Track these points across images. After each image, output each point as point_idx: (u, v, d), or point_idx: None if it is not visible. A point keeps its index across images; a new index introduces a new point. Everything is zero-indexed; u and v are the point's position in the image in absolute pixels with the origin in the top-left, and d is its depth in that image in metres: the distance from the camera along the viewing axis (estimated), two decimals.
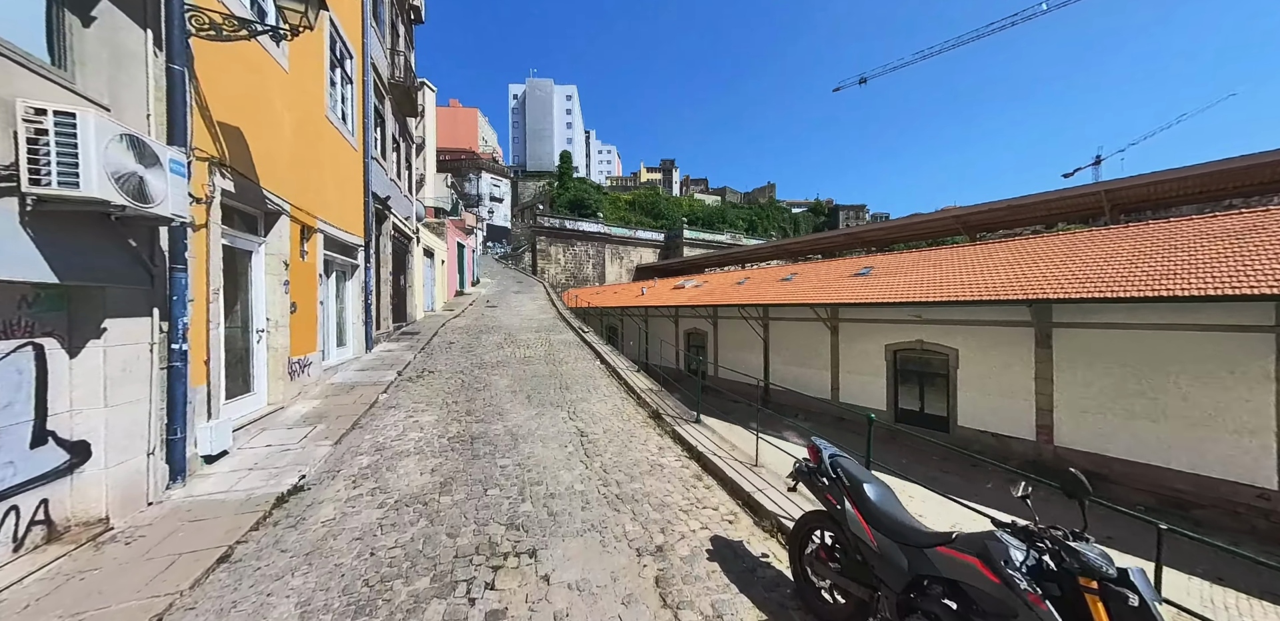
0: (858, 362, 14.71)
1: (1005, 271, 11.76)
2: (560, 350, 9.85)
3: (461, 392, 6.58)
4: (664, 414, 5.61)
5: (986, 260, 13.10)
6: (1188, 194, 17.23)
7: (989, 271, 12.14)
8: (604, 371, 8.06)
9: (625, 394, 6.67)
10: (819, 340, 15.82)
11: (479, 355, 9.12)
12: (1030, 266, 11.55)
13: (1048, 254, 11.94)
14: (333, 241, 7.32)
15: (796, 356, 16.58)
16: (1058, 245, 12.31)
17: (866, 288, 14.23)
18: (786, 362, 16.98)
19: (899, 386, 13.82)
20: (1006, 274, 11.60)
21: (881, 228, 25.14)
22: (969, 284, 11.80)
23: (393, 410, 5.79)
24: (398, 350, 9.22)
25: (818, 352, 15.85)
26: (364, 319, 8.63)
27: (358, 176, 8.48)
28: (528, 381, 7.24)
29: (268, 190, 5.12)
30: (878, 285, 14.14)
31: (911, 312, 13.23)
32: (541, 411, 5.83)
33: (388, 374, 7.35)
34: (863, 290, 14.08)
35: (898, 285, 13.54)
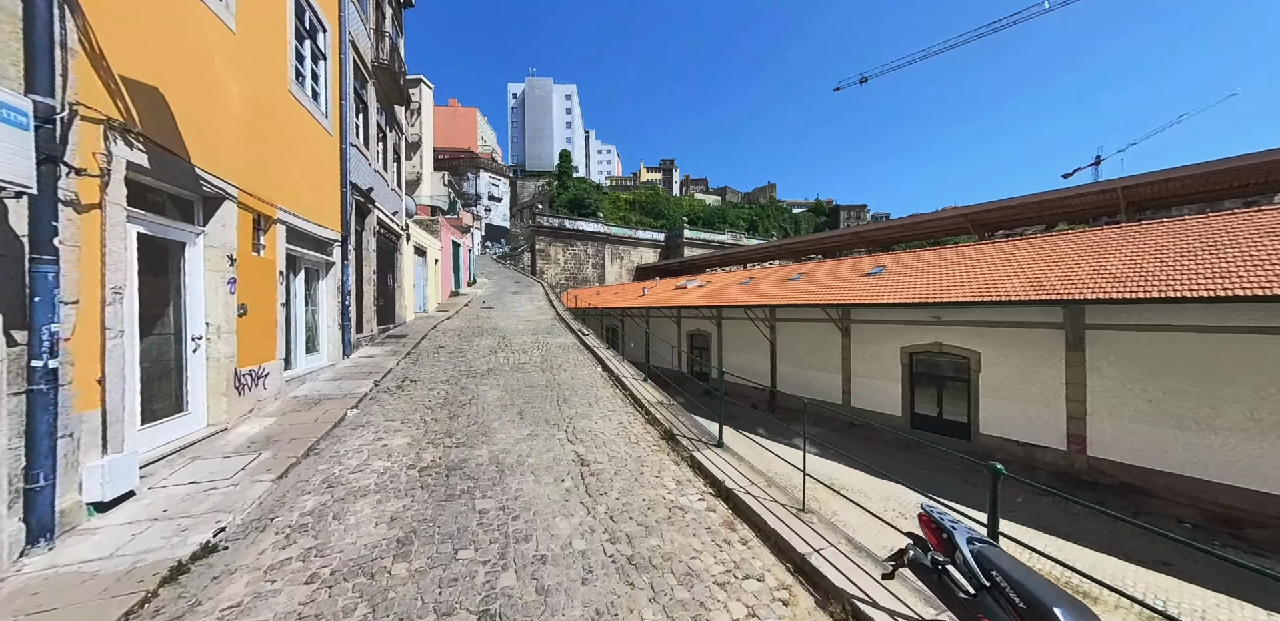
0: (871, 366, 13.81)
1: (1033, 271, 10.87)
2: (558, 355, 8.92)
3: (444, 407, 5.65)
4: (679, 434, 4.70)
5: (1009, 259, 12.21)
6: (1209, 190, 16.38)
7: (1014, 270, 11.25)
8: (606, 380, 7.14)
9: (632, 408, 5.76)
10: (829, 342, 14.92)
11: (469, 362, 8.17)
12: (1060, 265, 10.67)
13: (1077, 252, 11.06)
14: (300, 235, 6.38)
15: (806, 359, 15.69)
16: (1087, 242, 11.42)
17: (880, 287, 13.34)
18: (795, 365, 16.08)
19: (915, 391, 12.94)
20: (1035, 273, 10.71)
21: (887, 226, 24.28)
22: (993, 284, 10.92)
23: (360, 430, 4.86)
24: (380, 356, 8.27)
25: (828, 355, 14.95)
26: (341, 322, 7.69)
27: (333, 164, 7.55)
28: (521, 393, 6.31)
29: (204, 169, 4.18)
30: (892, 285, 13.25)
31: (930, 314, 12.36)
32: (535, 431, 4.91)
33: (363, 384, 6.41)
34: (877, 290, 13.19)
35: (914, 285, 12.65)
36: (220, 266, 4.47)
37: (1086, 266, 10.10)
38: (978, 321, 11.53)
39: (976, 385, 11.58)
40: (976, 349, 11.59)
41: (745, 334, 17.90)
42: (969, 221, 21.44)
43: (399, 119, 12.02)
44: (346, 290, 7.90)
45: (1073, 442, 10.04)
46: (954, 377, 12.12)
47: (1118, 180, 16.93)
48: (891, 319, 13.29)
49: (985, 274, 11.76)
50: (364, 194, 8.88)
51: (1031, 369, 10.62)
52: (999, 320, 11.14)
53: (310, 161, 6.65)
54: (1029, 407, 10.67)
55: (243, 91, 4.87)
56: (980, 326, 11.50)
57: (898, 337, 13.19)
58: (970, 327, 11.67)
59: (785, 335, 16.49)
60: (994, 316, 11.19)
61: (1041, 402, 10.49)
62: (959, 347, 11.87)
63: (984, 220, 21.22)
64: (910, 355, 13.01)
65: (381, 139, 10.91)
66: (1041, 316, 10.46)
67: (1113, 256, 10.15)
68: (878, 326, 13.68)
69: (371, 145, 9.71)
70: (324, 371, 6.98)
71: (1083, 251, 10.92)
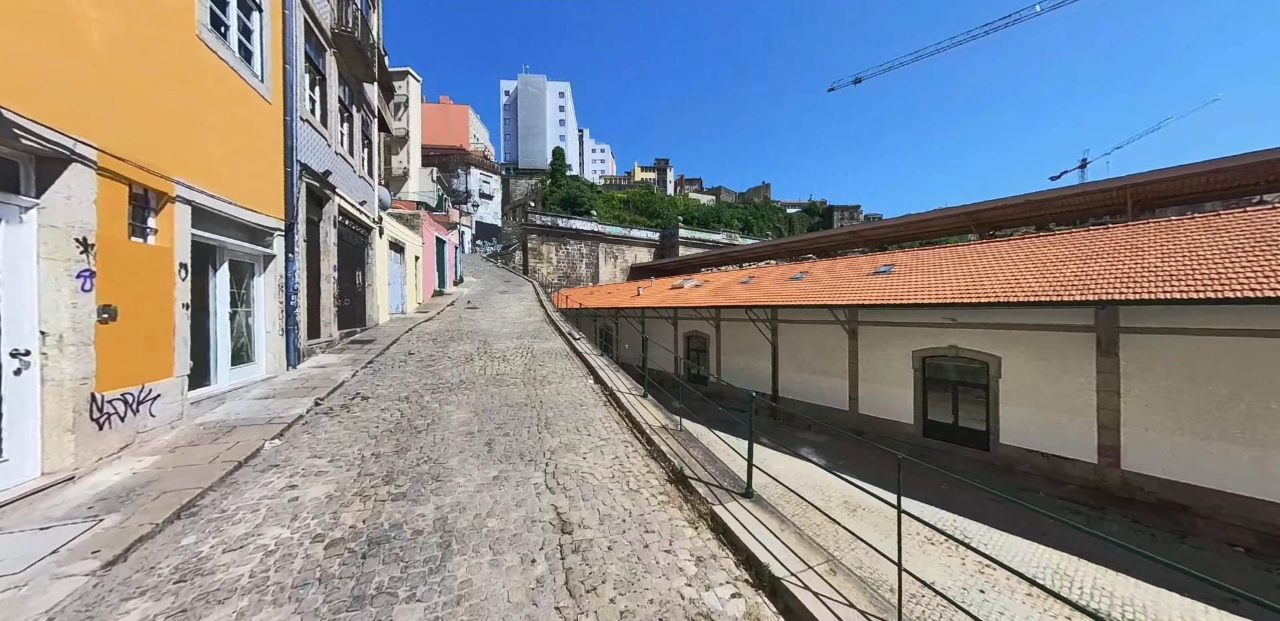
0: (880, 370, 12.75)
1: (1059, 269, 9.84)
2: (544, 364, 7.66)
3: (393, 436, 4.39)
4: (692, 476, 3.51)
5: (1029, 257, 11.19)
6: (1220, 188, 15.59)
7: (1037, 269, 10.22)
8: (599, 396, 5.90)
9: (629, 435, 4.54)
10: (835, 345, 13.84)
11: (439, 372, 6.89)
12: (1087, 263, 9.65)
13: (1106, 249, 10.06)
14: (219, 219, 5.06)
15: (810, 362, 14.59)
16: (1115, 239, 10.42)
17: (891, 287, 12.27)
18: (799, 369, 14.98)
19: (928, 397, 11.90)
20: (1061, 272, 9.69)
21: (887, 225, 23.33)
22: (1016, 283, 9.87)
23: (271, 473, 3.58)
24: (335, 365, 6.96)
25: (834, 359, 13.87)
26: (284, 326, 6.37)
27: (273, 138, 6.22)
28: (494, 414, 5.06)
29: (24, 116, 2.89)
30: (903, 285, 12.19)
31: (945, 315, 11.31)
32: (504, 471, 3.68)
33: (299, 403, 5.11)
34: (887, 290, 12.11)
35: (927, 284, 11.59)
36: (64, 253, 3.17)
37: (1120, 264, 9.10)
38: (998, 323, 10.51)
39: (996, 392, 10.55)
40: (996, 353, 10.57)
41: (745, 336, 16.78)
42: (971, 220, 20.56)
43: (369, 99, 10.65)
44: (293, 288, 6.57)
45: (1104, 455, 9.04)
46: (971, 383, 11.10)
47: (1126, 177, 16.08)
48: (902, 320, 12.24)
49: (1004, 273, 10.73)
50: (319, 178, 7.54)
51: (1058, 375, 9.62)
52: (1022, 322, 10.12)
53: (237, 131, 5.33)
54: (1055, 416, 9.67)
55: (110, 22, 3.57)
56: (1001, 329, 10.48)
57: (909, 340, 12.15)
58: (989, 330, 10.65)
59: (788, 337, 15.39)
60: (1016, 318, 10.17)
61: (1069, 411, 9.49)
62: (977, 351, 10.84)
63: (986, 219, 20.35)
64: (923, 359, 11.97)
65: (347, 120, 9.55)
66: (1070, 318, 9.46)
67: (1148, 254, 9.16)
68: (887, 328, 12.62)
69: (331, 124, 8.36)
70: (257, 387, 5.65)
71: (1112, 248, 9.92)
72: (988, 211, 19.65)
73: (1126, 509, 8.66)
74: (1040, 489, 9.68)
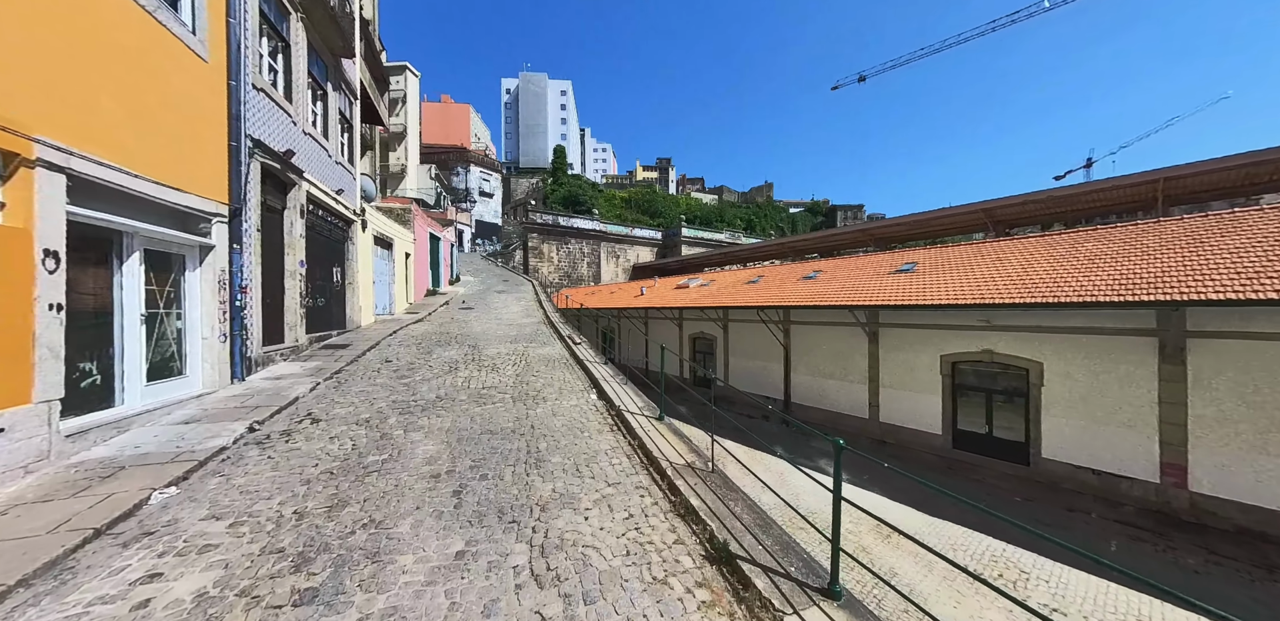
0: (903, 376, 11.61)
1: (1109, 266, 8.70)
2: (540, 374, 6.51)
3: (333, 481, 3.24)
4: (743, 556, 2.37)
5: (1072, 252, 10.03)
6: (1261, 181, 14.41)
7: (1084, 266, 9.07)
8: (605, 418, 4.74)
9: (646, 478, 3.39)
10: (853, 348, 12.70)
11: (414, 385, 5.72)
12: (1146, 259, 8.50)
13: (1160, 243, 8.91)
14: (121, 197, 3.90)
15: (826, 367, 13.45)
16: (1171, 233, 9.26)
17: (915, 287, 11.13)
18: (813, 374, 13.84)
19: (959, 405, 10.76)
20: (1113, 269, 8.54)
21: (898, 223, 22.16)
22: (1058, 281, 8.73)
23: (137, 548, 2.42)
24: (293, 377, 5.80)
25: (852, 363, 12.73)
26: (228, 331, 5.22)
27: (211, 104, 5.06)
28: (471, 446, 3.90)
29: None
30: (929, 284, 11.04)
31: (979, 318, 10.18)
32: (475, 543, 2.53)
33: (227, 430, 3.98)
34: (911, 289, 10.97)
35: (958, 284, 10.45)
36: None
37: (1185, 260, 7.95)
38: (1039, 326, 9.37)
39: (1038, 401, 9.41)
40: (1037, 358, 9.42)
41: (755, 338, 15.63)
42: (988, 217, 19.40)
43: (349, 78, 9.47)
44: (240, 285, 5.41)
45: (1169, 474, 7.90)
46: (1008, 391, 9.97)
47: (1159, 171, 14.91)
48: (929, 322, 11.10)
49: (1044, 270, 9.58)
50: (279, 158, 6.38)
51: (1112, 383, 8.48)
52: (1069, 325, 8.98)
53: (152, 89, 4.18)
54: (1108, 430, 8.52)
55: None
56: (1043, 332, 9.34)
57: (937, 344, 11.00)
58: (1030, 333, 9.51)
59: (802, 339, 14.24)
60: (1061, 320, 9.04)
61: (1125, 424, 8.34)
62: (1015, 357, 9.70)
63: (1004, 216, 19.19)
64: (952, 364, 10.83)
65: (321, 98, 8.39)
66: (1126, 321, 8.33)
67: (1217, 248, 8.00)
68: (913, 331, 11.48)
69: (299, 100, 7.20)
70: (184, 406, 4.50)
71: (1172, 243, 8.76)
72: (1006, 208, 18.51)
73: (1197, 536, 7.51)
74: (1091, 510, 8.54)
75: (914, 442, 11.47)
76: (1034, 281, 9.20)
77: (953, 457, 10.79)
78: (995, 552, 7.32)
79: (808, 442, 12.89)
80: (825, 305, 11.67)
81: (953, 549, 7.52)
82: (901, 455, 11.55)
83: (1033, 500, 9.19)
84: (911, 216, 21.76)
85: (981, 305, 8.98)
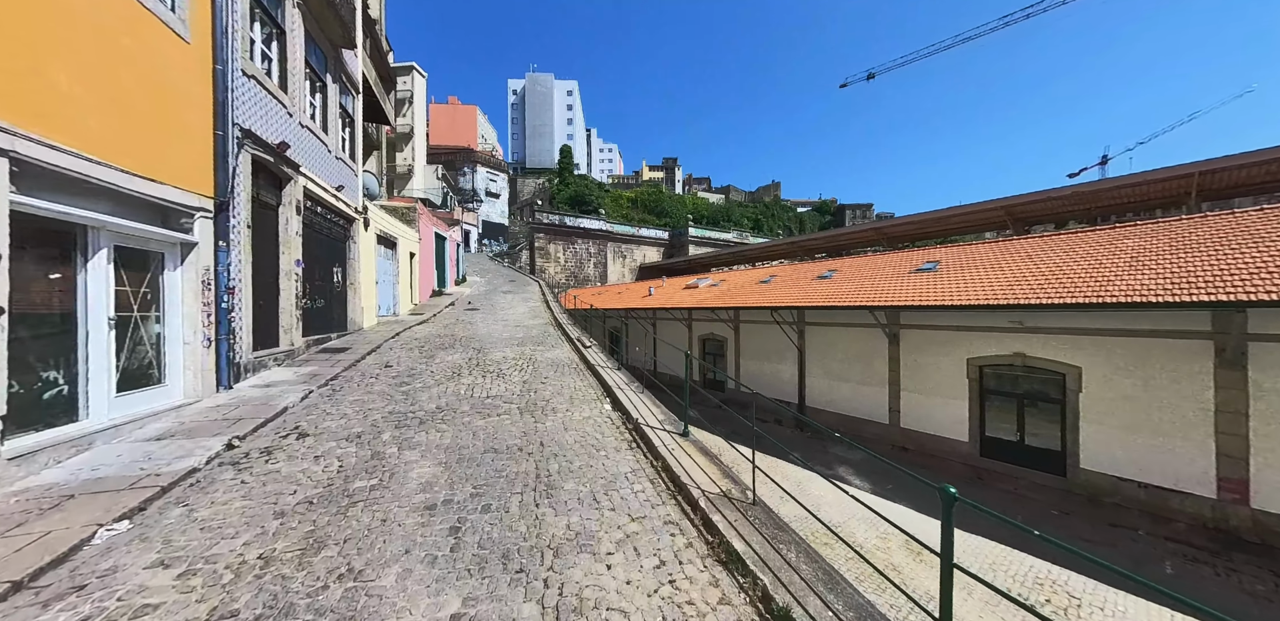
0: (927, 379, 10.98)
1: (1157, 263, 8.03)
2: (548, 380, 6.01)
3: (311, 513, 2.74)
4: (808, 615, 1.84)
5: (1109, 250, 9.35)
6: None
7: (1127, 264, 8.40)
8: (621, 432, 4.21)
9: (675, 510, 2.85)
10: (873, 350, 12.08)
11: (413, 394, 5.25)
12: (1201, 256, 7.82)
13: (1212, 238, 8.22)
14: (85, 187, 3.44)
15: (843, 370, 12.84)
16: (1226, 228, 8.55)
17: (939, 286, 10.50)
18: (829, 377, 13.23)
19: (986, 411, 10.12)
20: (1161, 266, 7.87)
21: (912, 221, 21.42)
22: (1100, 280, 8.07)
23: (49, 613, 1.95)
24: (285, 384, 5.35)
25: (871, 366, 12.11)
26: (212, 335, 4.78)
27: (193, 89, 4.62)
28: (473, 468, 3.41)
29: None
30: (953, 283, 10.41)
31: (1010, 319, 9.53)
32: (474, 599, 2.02)
33: (202, 447, 3.52)
34: (935, 289, 10.35)
35: (986, 283, 9.82)
36: None
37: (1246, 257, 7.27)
38: (1077, 328, 8.72)
39: (1076, 407, 8.76)
40: (1074, 362, 8.77)
41: (768, 339, 15.05)
42: (1007, 214, 18.63)
43: (350, 71, 9.04)
44: (226, 286, 4.97)
45: (1227, 489, 7.22)
46: (1042, 397, 9.32)
47: (1194, 164, 14.10)
48: (955, 324, 10.47)
49: (1082, 268, 8.91)
50: (272, 151, 5.93)
51: (1161, 390, 7.82)
52: (1110, 327, 8.32)
53: (120, 69, 3.73)
54: (1157, 440, 7.86)
55: None
56: (1081, 334, 8.69)
57: (963, 347, 10.36)
58: (1067, 336, 8.86)
59: (817, 341, 13.63)
60: (1101, 322, 8.39)
61: (1176, 434, 7.68)
62: (1050, 360, 9.05)
63: (1024, 213, 18.42)
64: (980, 368, 10.19)
65: (320, 90, 7.96)
66: (1177, 322, 7.67)
67: None
68: (937, 332, 10.85)
69: (295, 89, 6.76)
70: (160, 418, 4.06)
71: (1228, 239, 8.06)
72: (1026, 205, 17.74)
73: (1262, 558, 6.83)
74: (1138, 526, 7.87)
75: (938, 449, 10.84)
76: (1072, 281, 8.55)
77: (980, 466, 10.15)
78: (1040, 574, 6.70)
79: (825, 448, 12.28)
80: (846, 306, 11.06)
81: (992, 569, 6.91)
82: (926, 463, 10.92)
83: (1071, 514, 8.53)
84: (926, 214, 21.02)
85: (1017, 306, 8.34)
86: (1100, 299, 7.47)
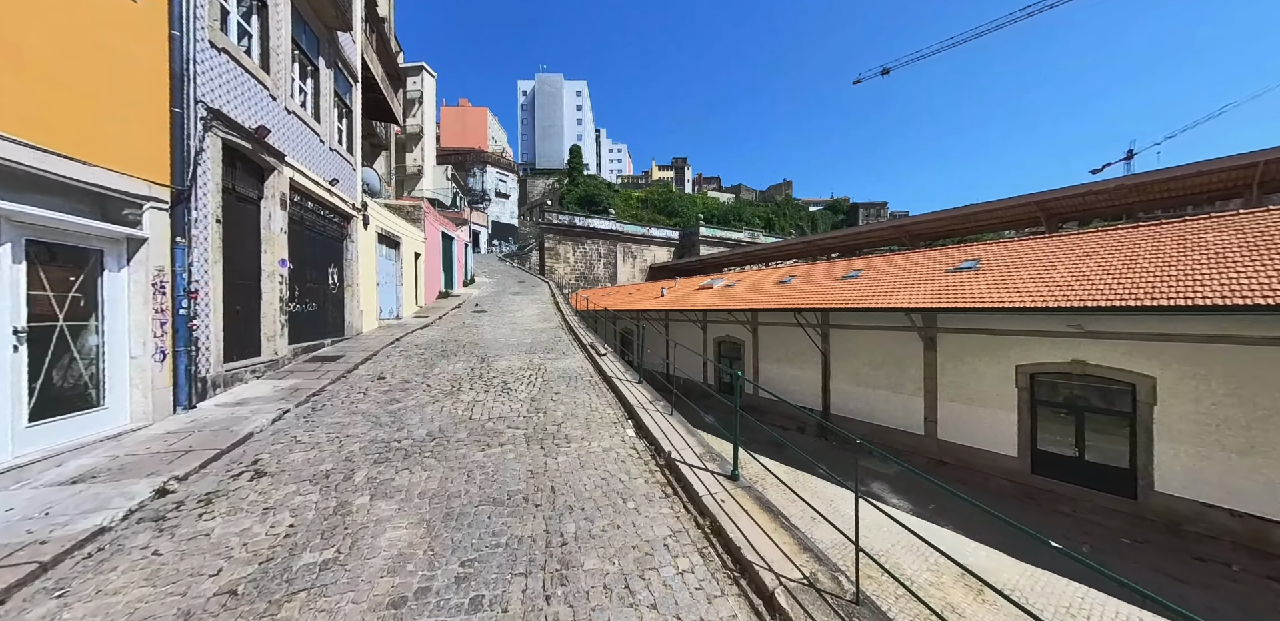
0: (968, 388, 9.91)
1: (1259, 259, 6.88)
2: (560, 397, 5.14)
3: (227, 615, 1.93)
4: None
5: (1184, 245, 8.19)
6: None
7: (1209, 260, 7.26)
8: (653, 472, 3.27)
9: (746, 608, 2.00)
10: (906, 355, 11.02)
11: (403, 414, 4.41)
12: None
13: None
14: None
15: (872, 375, 11.80)
16: None
17: (981, 286, 9.42)
18: (856, 383, 12.19)
19: (1038, 423, 9.03)
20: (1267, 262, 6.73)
21: (937, 218, 20.17)
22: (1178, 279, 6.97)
23: None
24: (258, 402, 4.56)
25: (904, 372, 11.06)
26: (168, 347, 4.00)
27: (143, 57, 3.84)
28: (463, 529, 2.52)
29: None
30: (998, 282, 9.33)
31: (1069, 323, 8.45)
32: None
33: (124, 494, 2.71)
34: (977, 289, 9.28)
35: (1039, 282, 8.72)
36: None
37: None
38: (1151, 334, 7.61)
39: (1148, 422, 7.65)
40: (1147, 371, 7.66)
41: (789, 342, 14.04)
42: (1040, 210, 17.35)
43: (346, 56, 8.27)
44: (187, 289, 4.19)
45: None
46: (1106, 409, 8.22)
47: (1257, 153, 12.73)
48: (1002, 328, 9.39)
49: (1159, 266, 7.78)
50: (248, 136, 5.16)
51: (1258, 406, 6.71)
52: (1193, 333, 7.21)
53: (31, 21, 2.96)
54: (1250, 462, 6.74)
55: None
56: (1155, 340, 7.58)
57: (1011, 352, 9.28)
58: (1138, 342, 7.75)
59: (843, 345, 12.60)
60: (1182, 327, 7.29)
61: (1276, 455, 6.58)
62: (1116, 369, 7.94)
63: (1060, 209, 17.12)
64: (1031, 376, 9.10)
65: (311, 74, 7.19)
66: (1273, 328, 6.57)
67: None
68: (979, 337, 9.77)
69: (279, 70, 5.98)
70: (94, 449, 3.27)
71: None
72: (1063, 199, 16.45)
73: None
74: (1231, 560, 6.76)
75: (981, 464, 9.76)
76: (1145, 280, 7.44)
77: (1031, 484, 9.06)
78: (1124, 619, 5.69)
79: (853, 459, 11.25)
80: (882, 308, 10.02)
81: (1069, 614, 5.89)
82: (967, 479, 9.84)
83: (1146, 543, 7.42)
84: (951, 211, 19.74)
85: (1085, 309, 7.26)
86: (1189, 301, 6.37)
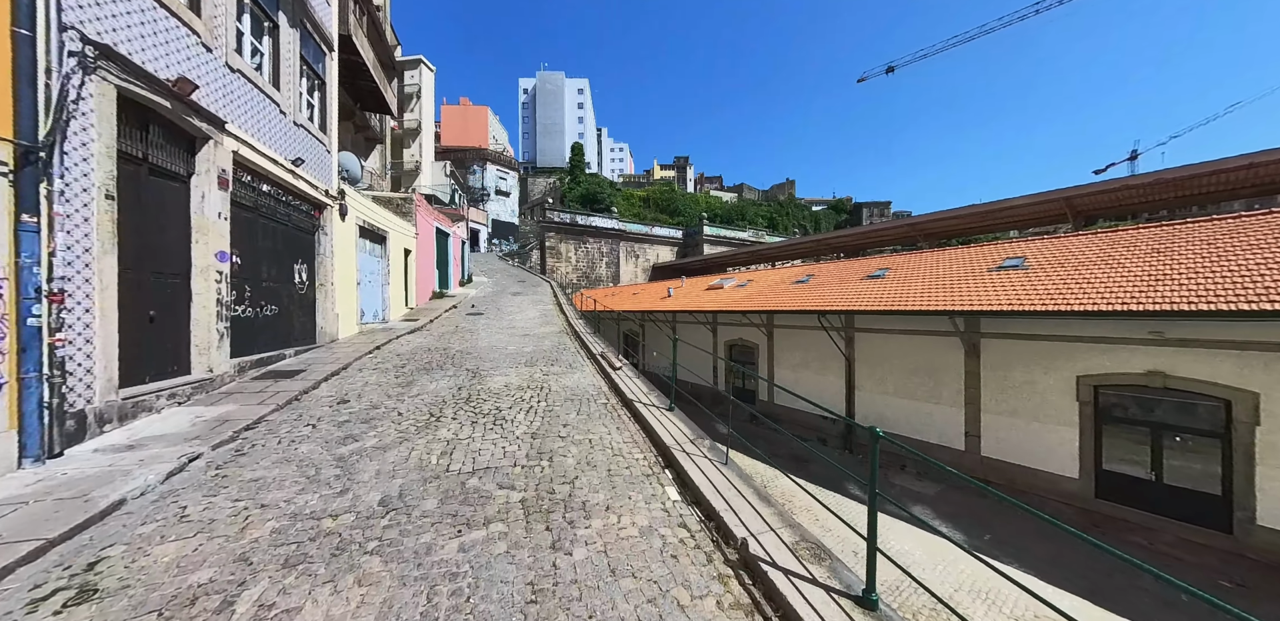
0: (1018, 400, 8.66)
1: None
2: (570, 433, 3.82)
3: None
4: None
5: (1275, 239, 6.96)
6: None
7: None
8: (725, 582, 2.02)
9: None
10: (943, 362, 9.77)
11: (353, 466, 3.09)
12: None
13: None
14: None
15: (903, 384, 10.54)
16: None
17: (1035, 286, 8.17)
18: (885, 391, 10.93)
19: (1103, 441, 7.80)
20: None
21: (955, 216, 18.90)
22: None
23: None
24: (158, 444, 3.26)
25: (941, 380, 9.80)
26: (11, 371, 2.71)
27: None
28: None
29: None
30: (1055, 281, 8.09)
31: (1150, 330, 7.21)
32: None
33: None
34: (1033, 290, 8.03)
35: (1110, 282, 7.48)
36: None
37: None
38: (1253, 342, 6.38)
39: (1248, 444, 6.40)
40: (1247, 386, 6.41)
41: (807, 346, 12.78)
42: (1068, 207, 16.11)
43: (316, 18, 6.89)
44: (40, 289, 2.88)
45: None
46: (1191, 428, 6.99)
47: None
48: (1059, 334, 8.15)
49: (1258, 263, 6.55)
50: (163, 90, 3.83)
51: None
52: None
53: None
54: None
55: None
56: (1256, 349, 6.36)
57: (1071, 361, 8.03)
58: (1233, 351, 6.52)
59: (870, 350, 11.33)
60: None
61: None
62: (1208, 383, 6.71)
63: (1091, 205, 15.89)
64: (1094, 388, 7.85)
65: (270, 32, 5.85)
66: None
67: None
68: (1032, 343, 8.52)
69: (215, 16, 4.63)
70: None
71: None
72: (1094, 195, 15.22)
73: None
74: None
75: (1033, 485, 8.51)
76: (1240, 278, 6.22)
77: (1096, 510, 7.82)
78: None
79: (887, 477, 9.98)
80: (926, 311, 8.74)
81: None
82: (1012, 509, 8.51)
83: (1251, 588, 6.16)
84: (968, 209, 18.49)
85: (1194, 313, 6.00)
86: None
